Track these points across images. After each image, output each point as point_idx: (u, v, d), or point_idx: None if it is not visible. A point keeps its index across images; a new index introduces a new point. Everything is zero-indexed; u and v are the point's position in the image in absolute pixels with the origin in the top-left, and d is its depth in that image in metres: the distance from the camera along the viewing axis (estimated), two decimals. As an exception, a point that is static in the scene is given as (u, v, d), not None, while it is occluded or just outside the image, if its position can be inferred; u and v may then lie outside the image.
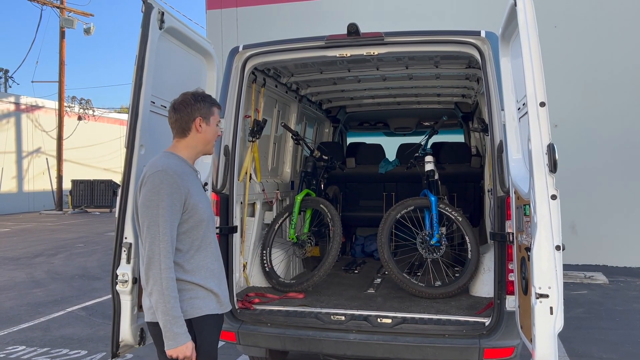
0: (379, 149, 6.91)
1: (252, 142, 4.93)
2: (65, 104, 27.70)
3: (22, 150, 27.96)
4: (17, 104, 27.68)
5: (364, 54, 4.16)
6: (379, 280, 5.17)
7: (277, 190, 5.64)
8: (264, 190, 5.25)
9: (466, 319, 3.79)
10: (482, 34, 3.91)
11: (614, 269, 10.17)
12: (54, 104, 28.33)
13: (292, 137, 5.80)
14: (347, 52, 4.16)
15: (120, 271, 3.10)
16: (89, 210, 27.06)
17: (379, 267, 5.74)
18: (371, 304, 4.23)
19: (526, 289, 3.16)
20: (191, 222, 2.66)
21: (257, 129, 4.90)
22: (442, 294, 4.35)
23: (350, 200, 6.88)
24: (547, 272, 2.78)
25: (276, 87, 5.47)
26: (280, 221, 5.16)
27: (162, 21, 3.34)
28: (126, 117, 3.54)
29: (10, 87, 34.16)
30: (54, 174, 27.43)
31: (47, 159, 29.07)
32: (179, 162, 2.72)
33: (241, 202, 4.70)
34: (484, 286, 4.33)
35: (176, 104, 2.80)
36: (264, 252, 4.88)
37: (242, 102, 4.40)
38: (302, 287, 4.62)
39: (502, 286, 3.61)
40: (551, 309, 2.75)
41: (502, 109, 3.65)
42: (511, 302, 3.54)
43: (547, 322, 2.75)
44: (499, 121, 3.72)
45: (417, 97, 6.68)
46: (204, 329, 2.69)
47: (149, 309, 2.66)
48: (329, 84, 6.13)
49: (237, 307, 4.08)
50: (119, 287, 3.12)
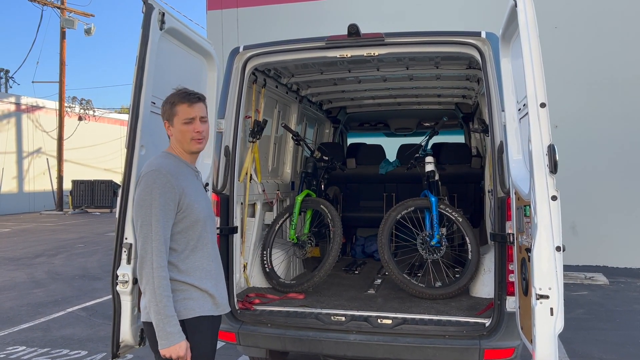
0: (379, 149, 6.90)
1: (253, 142, 4.93)
2: (65, 105, 27.72)
3: (22, 150, 27.97)
4: (17, 104, 27.69)
5: (365, 55, 4.16)
6: (379, 280, 5.17)
7: (278, 190, 5.64)
8: (264, 190, 5.25)
9: (466, 320, 3.78)
10: (483, 35, 3.91)
11: (615, 270, 10.17)
12: (55, 104, 28.34)
13: (292, 137, 5.80)
14: (348, 53, 4.16)
15: (120, 272, 3.10)
16: (89, 210, 27.07)
17: (379, 267, 5.74)
18: (371, 305, 4.23)
19: (526, 289, 3.16)
20: (186, 222, 2.65)
21: (257, 130, 4.91)
22: (442, 295, 4.35)
23: (350, 200, 6.88)
24: (547, 273, 2.78)
25: (277, 87, 5.47)
26: (280, 222, 5.16)
27: (162, 22, 3.34)
28: (127, 117, 3.54)
29: (10, 87, 34.18)
30: (55, 174, 27.45)
31: (47, 159, 29.08)
32: (174, 162, 2.72)
33: (241, 203, 4.70)
34: (485, 287, 4.33)
35: None
36: (264, 252, 4.89)
37: (243, 102, 4.40)
38: (302, 288, 4.62)
39: (503, 287, 3.61)
40: (551, 309, 2.75)
41: (503, 110, 3.65)
42: (511, 303, 3.54)
43: (548, 323, 2.75)
44: (500, 122, 3.72)
45: (418, 97, 6.68)
46: (197, 331, 2.65)
47: (144, 309, 2.66)
48: (329, 85, 6.13)
49: (237, 308, 4.08)
50: (119, 288, 3.11)
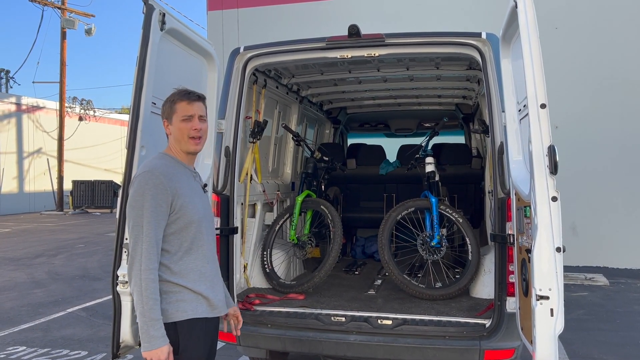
0: (379, 150, 6.91)
1: (253, 143, 4.94)
2: (66, 105, 27.73)
3: (23, 150, 27.98)
4: (18, 105, 27.71)
5: (365, 56, 4.16)
6: (379, 281, 5.17)
7: (278, 191, 5.64)
8: (264, 191, 5.25)
9: (467, 321, 3.78)
10: (483, 36, 3.91)
11: (615, 271, 10.16)
12: (55, 105, 28.36)
13: (292, 138, 5.80)
14: (348, 54, 4.16)
15: (120, 272, 3.09)
16: (89, 210, 27.08)
17: (379, 268, 5.74)
18: (372, 305, 4.23)
19: (527, 290, 3.16)
20: (179, 223, 2.61)
21: (257, 130, 4.91)
22: (442, 296, 4.35)
23: (350, 201, 6.89)
24: (547, 273, 2.78)
25: (277, 88, 5.47)
26: (280, 222, 5.16)
27: (163, 22, 3.34)
28: (127, 118, 3.54)
29: (11, 87, 34.16)
30: (55, 174, 27.46)
31: (48, 159, 29.09)
32: (169, 163, 2.69)
33: (242, 203, 4.70)
34: (485, 288, 4.33)
35: None
36: (265, 253, 4.89)
37: (243, 103, 4.40)
38: (302, 288, 4.62)
39: (503, 288, 3.61)
40: (552, 310, 2.75)
41: (503, 111, 3.66)
42: (512, 304, 3.54)
43: (548, 323, 2.75)
44: (500, 122, 3.72)
45: (418, 98, 6.68)
46: (189, 333, 2.61)
47: None
48: (329, 85, 6.13)
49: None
50: (120, 288, 3.11)
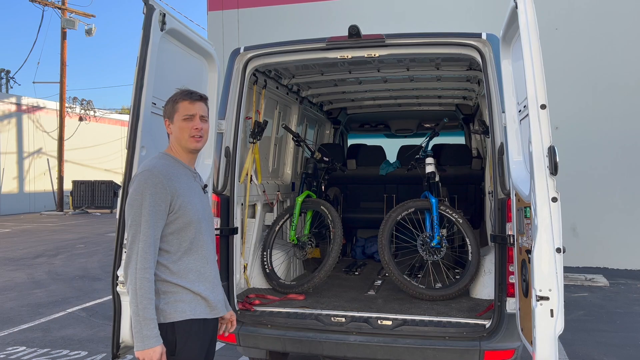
0: (379, 150, 6.91)
1: (253, 143, 4.94)
2: (66, 105, 27.74)
3: (23, 150, 27.99)
4: (18, 105, 27.72)
5: (365, 56, 4.16)
6: (379, 282, 5.17)
7: (278, 191, 5.64)
8: (264, 191, 5.25)
9: (467, 321, 3.78)
10: (483, 36, 3.91)
11: (615, 272, 10.16)
12: (55, 105, 28.37)
13: (293, 138, 5.80)
14: (348, 54, 4.16)
15: (121, 272, 3.09)
16: (89, 211, 27.09)
17: (379, 268, 5.74)
18: (371, 306, 4.23)
19: (527, 291, 3.16)
20: (178, 223, 2.60)
21: (258, 131, 4.91)
22: (442, 296, 4.35)
23: (351, 201, 6.89)
24: (547, 274, 2.78)
25: (277, 88, 5.47)
26: (280, 223, 5.16)
27: (163, 23, 3.34)
28: (127, 118, 3.54)
29: (11, 87, 34.12)
30: (55, 174, 27.47)
31: (48, 159, 29.10)
32: (169, 163, 2.69)
33: (242, 204, 4.70)
34: (485, 288, 4.33)
35: None
36: (265, 253, 4.89)
37: (243, 103, 4.40)
38: (302, 289, 4.62)
39: (503, 288, 3.61)
40: (552, 311, 2.75)
41: (503, 111, 3.65)
42: (512, 305, 3.54)
43: (548, 324, 2.75)
44: (500, 123, 3.72)
45: (418, 98, 6.68)
46: (186, 334, 2.60)
47: None
48: (329, 86, 6.13)
49: (237, 309, 4.08)
50: (120, 288, 3.12)
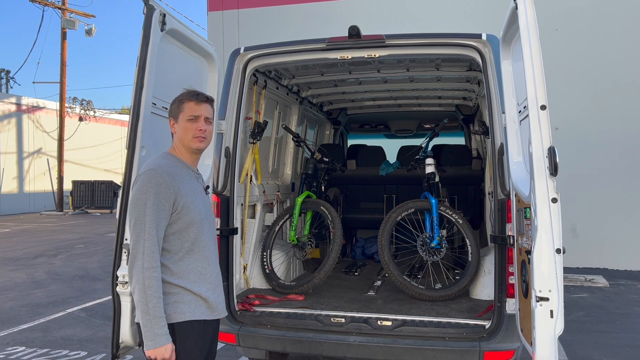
0: (379, 151, 6.91)
1: (253, 143, 4.94)
2: (66, 105, 27.74)
3: (23, 150, 27.99)
4: (18, 105, 27.72)
5: (365, 57, 4.16)
6: (379, 282, 5.17)
7: (278, 192, 5.64)
8: (264, 192, 5.25)
9: (466, 322, 3.78)
10: (483, 37, 3.91)
11: (615, 272, 10.16)
12: (55, 105, 28.37)
13: (292, 139, 5.80)
14: (348, 55, 4.16)
15: (120, 272, 3.10)
16: (89, 211, 27.08)
17: (379, 269, 5.74)
18: (371, 307, 4.23)
19: (526, 292, 3.15)
20: (181, 223, 2.60)
21: (258, 131, 4.91)
22: (442, 297, 4.35)
23: (350, 202, 6.89)
24: (547, 275, 2.77)
25: (277, 89, 5.47)
26: (280, 223, 5.16)
27: (163, 23, 3.35)
28: (127, 118, 3.54)
29: (11, 87, 34.13)
30: (55, 174, 27.47)
31: (48, 159, 29.09)
32: (173, 163, 2.69)
33: (242, 204, 4.70)
34: (485, 289, 4.33)
35: None
36: (265, 253, 4.88)
37: (243, 103, 4.40)
38: (302, 289, 4.62)
39: (503, 289, 3.61)
40: (551, 312, 2.75)
41: (503, 112, 3.65)
42: (511, 305, 3.54)
43: (548, 325, 2.75)
44: (500, 124, 3.72)
45: (418, 99, 6.68)
46: (186, 335, 2.59)
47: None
48: (330, 86, 6.13)
49: (237, 309, 4.08)
50: (119, 289, 3.11)
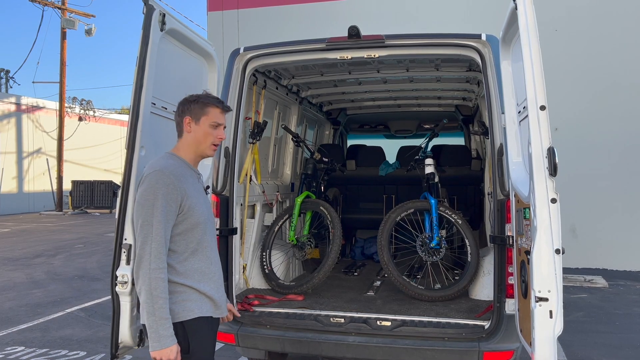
0: (379, 151, 6.91)
1: (253, 143, 4.94)
2: (66, 105, 27.73)
3: (22, 150, 27.97)
4: (17, 105, 27.70)
5: (365, 57, 4.16)
6: (378, 282, 5.17)
7: (277, 192, 5.64)
8: (264, 192, 5.25)
9: (466, 322, 3.78)
10: (483, 37, 3.91)
11: (614, 273, 10.16)
12: (55, 105, 28.35)
13: (292, 139, 5.80)
14: (348, 55, 4.16)
15: (119, 272, 3.10)
16: (89, 211, 27.06)
17: (378, 269, 5.74)
18: (371, 307, 4.23)
19: (526, 292, 3.15)
20: (186, 224, 2.62)
21: (257, 131, 4.91)
22: (441, 297, 4.35)
23: (350, 202, 6.89)
24: (546, 275, 2.78)
25: (277, 89, 5.47)
26: (280, 223, 5.16)
27: (163, 23, 3.35)
28: (127, 118, 3.54)
29: (11, 87, 34.08)
30: (54, 174, 27.45)
31: (47, 159, 29.08)
32: (178, 163, 2.71)
33: (241, 204, 4.70)
34: (484, 289, 4.33)
35: (177, 105, 2.84)
36: (264, 253, 4.88)
37: (243, 103, 4.40)
38: (301, 289, 4.62)
39: (502, 289, 3.61)
40: (551, 312, 2.75)
41: (503, 112, 3.66)
42: (511, 306, 3.54)
43: (547, 325, 2.75)
44: (500, 124, 3.72)
45: (418, 99, 6.68)
46: (197, 332, 2.62)
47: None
48: (329, 86, 6.13)
49: (236, 309, 4.07)
50: (119, 289, 3.11)
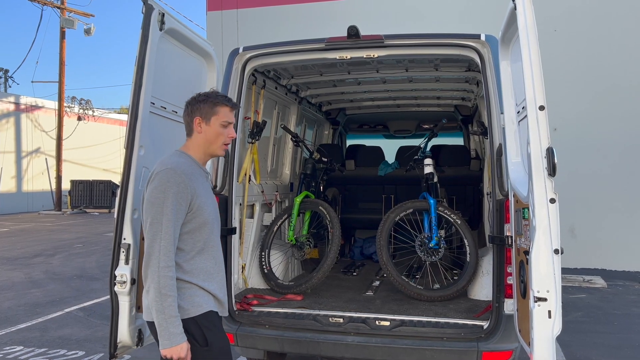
0: (378, 151, 6.91)
1: (252, 143, 4.94)
2: (65, 104, 27.69)
3: (21, 150, 27.94)
4: (17, 104, 27.66)
5: (364, 57, 4.16)
6: (377, 282, 5.17)
7: (277, 191, 5.64)
8: (263, 191, 5.25)
9: (464, 322, 3.78)
10: (482, 37, 3.91)
11: (613, 273, 10.17)
12: (54, 104, 28.32)
13: (291, 138, 5.80)
14: (347, 55, 4.16)
15: (118, 272, 3.10)
16: (88, 210, 27.04)
17: (377, 269, 5.74)
18: (369, 307, 4.23)
19: (525, 292, 3.16)
20: (195, 223, 2.62)
21: (256, 131, 4.91)
22: (440, 297, 4.36)
23: (349, 202, 6.89)
24: (545, 275, 2.78)
25: (276, 88, 5.47)
26: (279, 223, 5.16)
27: (162, 22, 3.35)
28: (126, 117, 3.55)
29: (10, 87, 34.11)
30: (53, 174, 27.42)
31: (46, 159, 29.05)
32: (188, 162, 2.70)
33: (240, 204, 4.70)
34: (483, 289, 4.33)
35: (185, 105, 2.81)
36: (263, 253, 4.88)
37: (242, 103, 4.40)
38: (300, 289, 4.62)
39: (501, 289, 3.61)
40: (549, 312, 2.75)
41: (502, 112, 3.66)
42: (510, 306, 3.54)
43: (546, 325, 2.75)
44: (499, 124, 3.72)
45: (417, 99, 6.68)
46: (211, 325, 2.64)
47: (148, 308, 2.63)
48: (328, 86, 6.13)
49: (235, 309, 4.08)
50: (117, 288, 3.12)
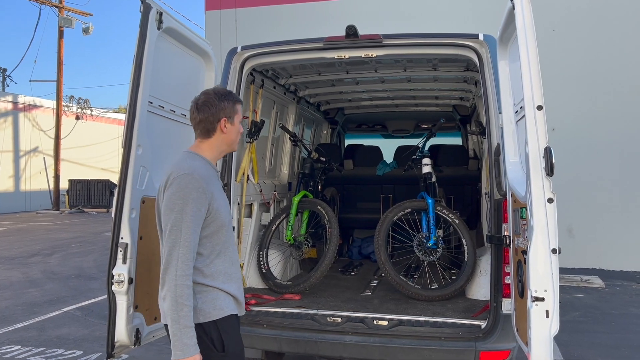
0: (376, 151, 6.91)
1: (250, 143, 4.93)
2: (63, 104, 27.64)
3: (19, 149, 27.88)
4: (14, 103, 27.60)
5: (363, 56, 4.16)
6: (375, 282, 5.17)
7: (275, 191, 5.64)
8: (261, 191, 5.24)
9: (462, 322, 3.79)
10: (480, 37, 3.92)
11: (611, 273, 10.19)
12: (52, 104, 28.28)
13: (290, 138, 5.80)
14: (346, 54, 4.16)
15: (116, 271, 3.10)
16: (85, 210, 26.99)
17: (375, 269, 5.74)
18: (367, 306, 4.23)
19: (522, 292, 3.16)
20: (213, 226, 2.57)
21: (255, 130, 4.91)
22: (438, 297, 4.36)
23: (347, 202, 6.89)
24: (543, 275, 2.78)
25: (274, 88, 5.47)
26: (277, 222, 5.16)
27: (160, 21, 3.35)
28: (124, 117, 3.54)
29: (8, 86, 34.06)
30: (51, 173, 27.38)
31: (44, 158, 29.00)
32: (204, 165, 2.64)
33: (238, 203, 4.70)
34: (481, 289, 4.33)
35: (199, 104, 2.65)
36: (261, 253, 4.88)
37: (240, 103, 4.40)
38: (298, 289, 4.62)
39: (499, 289, 3.61)
40: (547, 312, 2.75)
41: (500, 112, 3.66)
42: (507, 305, 3.54)
43: (543, 325, 2.75)
44: (497, 124, 3.73)
45: (415, 99, 6.69)
46: (230, 329, 2.61)
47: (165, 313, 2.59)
48: (327, 86, 6.13)
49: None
50: (115, 288, 3.11)
